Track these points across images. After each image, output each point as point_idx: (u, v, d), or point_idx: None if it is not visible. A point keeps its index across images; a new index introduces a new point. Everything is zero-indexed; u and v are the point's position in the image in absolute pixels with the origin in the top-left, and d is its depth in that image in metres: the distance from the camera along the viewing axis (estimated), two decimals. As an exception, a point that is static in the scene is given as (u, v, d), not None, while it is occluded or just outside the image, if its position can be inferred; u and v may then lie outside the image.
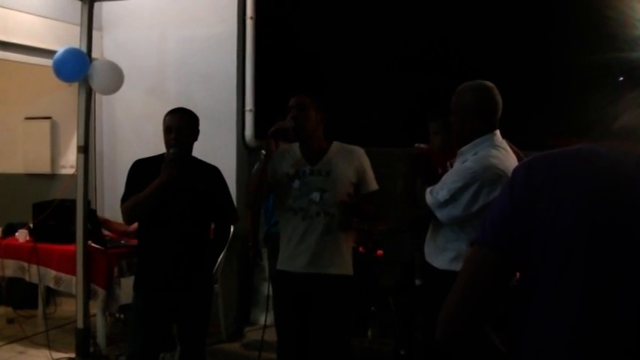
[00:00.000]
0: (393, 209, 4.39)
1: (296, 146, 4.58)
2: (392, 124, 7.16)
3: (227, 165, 7.19)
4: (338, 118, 4.78)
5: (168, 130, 4.61)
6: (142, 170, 4.69)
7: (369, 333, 6.83)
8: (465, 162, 3.78)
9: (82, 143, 6.02)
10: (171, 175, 4.49)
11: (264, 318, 6.23)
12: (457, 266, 3.69)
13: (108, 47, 7.77)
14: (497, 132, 3.83)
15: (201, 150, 7.10)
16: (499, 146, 3.79)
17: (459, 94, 3.87)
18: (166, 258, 4.60)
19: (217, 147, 7.28)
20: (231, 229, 6.96)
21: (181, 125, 4.64)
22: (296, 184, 4.45)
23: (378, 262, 6.57)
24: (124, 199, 4.62)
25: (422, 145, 4.43)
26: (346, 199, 4.37)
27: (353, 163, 4.51)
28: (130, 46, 7.66)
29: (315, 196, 4.44)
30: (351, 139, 4.66)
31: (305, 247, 4.43)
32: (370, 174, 4.57)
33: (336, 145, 4.57)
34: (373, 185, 4.56)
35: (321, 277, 4.42)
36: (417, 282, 5.62)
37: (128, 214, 4.61)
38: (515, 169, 1.95)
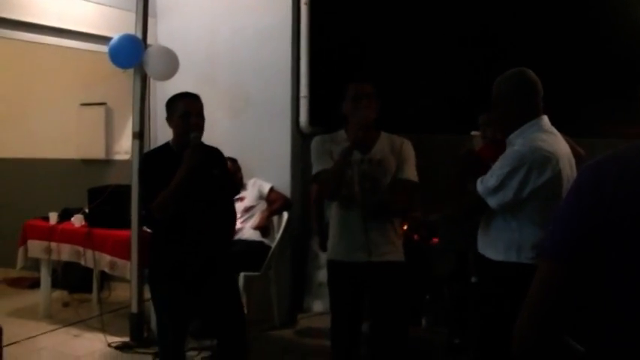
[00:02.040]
0: (445, 197, 4.33)
1: (342, 134, 4.53)
2: (443, 111, 7.08)
3: (281, 152, 7.35)
4: (389, 105, 4.69)
5: (185, 115, 4.48)
6: (155, 163, 4.61)
7: (423, 321, 6.76)
8: (513, 147, 3.72)
9: (137, 129, 6.07)
10: (199, 160, 4.41)
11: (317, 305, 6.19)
12: (511, 256, 3.68)
13: (162, 34, 7.77)
14: (545, 117, 3.77)
15: (255, 137, 7.37)
16: (547, 130, 3.73)
17: (497, 85, 3.84)
18: (190, 247, 4.50)
19: (271, 134, 7.38)
20: (285, 215, 7.10)
21: (199, 110, 4.55)
22: (348, 173, 4.39)
23: (432, 250, 6.49)
24: (149, 197, 4.47)
25: (476, 142, 4.34)
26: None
27: (395, 151, 4.49)
28: (183, 33, 7.65)
29: (369, 185, 4.41)
30: (401, 126, 4.61)
31: (359, 236, 4.40)
32: (410, 164, 4.51)
33: (384, 134, 4.54)
34: (409, 174, 4.48)
35: (377, 265, 4.39)
36: (473, 279, 5.58)
37: (162, 211, 4.44)
38: (581, 174, 1.83)
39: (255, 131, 7.37)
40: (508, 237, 3.71)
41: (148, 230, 6.05)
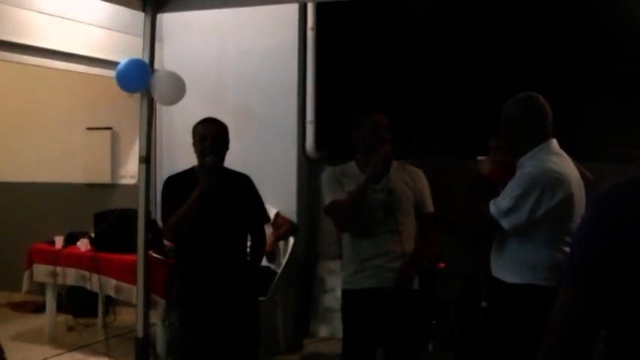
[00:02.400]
0: (455, 222, 4.34)
1: (352, 166, 4.58)
2: (451, 136, 7.08)
3: (287, 176, 7.38)
4: (398, 130, 4.71)
5: (202, 138, 4.60)
6: (176, 186, 4.68)
7: (430, 346, 6.72)
8: (525, 170, 3.75)
9: (143, 153, 5.98)
10: (212, 181, 4.48)
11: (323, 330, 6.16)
12: (526, 278, 3.69)
13: (168, 58, 7.80)
14: (554, 140, 3.82)
15: (261, 161, 7.31)
16: (557, 153, 3.79)
17: (507, 109, 3.89)
18: (207, 269, 4.57)
19: (277, 158, 7.40)
20: (291, 240, 7.08)
21: (216, 133, 4.65)
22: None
23: (439, 275, 6.46)
24: (165, 219, 4.60)
25: (483, 166, 4.34)
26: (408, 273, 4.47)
27: (411, 183, 4.55)
28: (189, 56, 7.67)
29: (380, 214, 4.43)
30: (411, 151, 4.62)
31: (371, 265, 4.43)
32: (428, 195, 4.62)
33: (395, 163, 4.52)
34: (430, 207, 4.61)
35: (388, 292, 4.40)
36: (484, 304, 5.46)
37: (174, 231, 4.59)
38: (598, 201, 1.81)
39: (262, 154, 7.37)
40: (523, 259, 3.73)
41: (155, 255, 6.17)
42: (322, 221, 7.16)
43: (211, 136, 4.60)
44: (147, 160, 6.01)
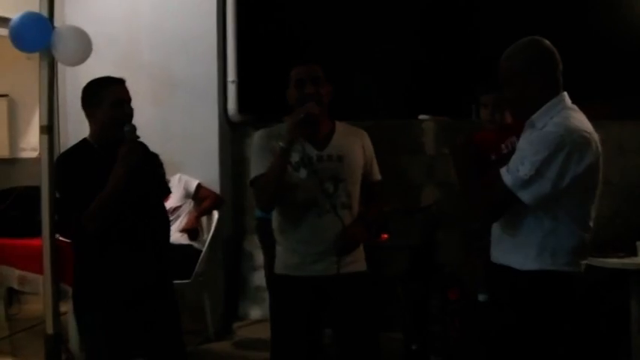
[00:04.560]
0: (397, 188, 3.77)
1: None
2: (388, 96, 6.86)
3: (208, 142, 6.97)
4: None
5: (118, 102, 3.93)
6: (77, 164, 3.98)
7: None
8: (544, 127, 3.23)
9: (45, 122, 5.45)
10: (138, 158, 3.86)
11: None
12: (545, 263, 3.22)
13: (70, 13, 7.17)
14: (566, 93, 3.33)
15: (179, 127, 6.82)
16: (574, 108, 3.31)
17: (509, 59, 3.37)
18: (130, 263, 3.94)
19: (197, 122, 6.99)
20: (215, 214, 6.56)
21: (130, 97, 4.03)
22: (302, 173, 3.77)
23: (382, 248, 6.00)
24: (76, 207, 3.88)
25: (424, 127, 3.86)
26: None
27: (362, 147, 3.94)
28: (96, 10, 7.12)
29: (329, 186, 3.78)
30: (346, 113, 4.08)
31: (322, 247, 3.77)
32: (375, 161, 4.04)
33: (339, 124, 3.95)
34: (378, 175, 4.05)
35: (339, 278, 3.77)
36: (481, 297, 5.19)
37: (98, 220, 3.83)
38: None
39: (180, 120, 6.95)
40: (540, 240, 3.23)
41: (63, 239, 5.54)
42: (249, 192, 6.69)
43: (129, 100, 3.98)
44: (49, 130, 5.49)
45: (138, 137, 3.92)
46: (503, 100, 4.05)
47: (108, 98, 3.92)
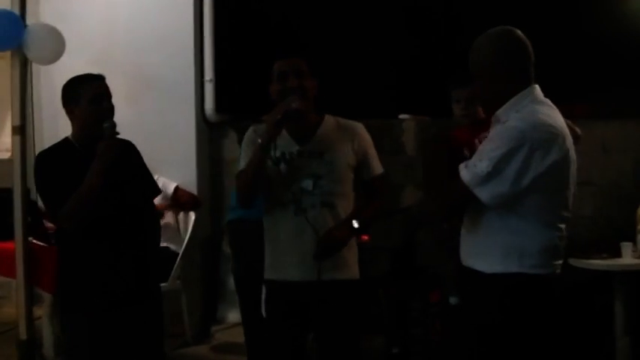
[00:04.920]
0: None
1: None
2: (368, 94, 6.68)
3: (185, 143, 6.88)
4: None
5: (97, 99, 3.84)
6: (54, 163, 3.91)
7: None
8: (506, 122, 3.04)
9: (17, 123, 5.41)
10: (116, 154, 3.77)
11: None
12: (511, 265, 3.01)
13: (45, 11, 7.05)
14: (537, 87, 3.12)
15: (155, 128, 6.67)
16: (542, 102, 3.10)
17: (477, 50, 3.16)
18: (111, 264, 3.85)
19: (174, 122, 6.87)
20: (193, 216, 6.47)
21: (110, 93, 3.94)
22: (282, 168, 3.64)
23: (363, 250, 5.88)
24: (56, 204, 3.80)
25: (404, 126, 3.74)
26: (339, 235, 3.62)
27: (352, 142, 3.73)
28: (71, 9, 6.98)
29: (307, 183, 3.63)
30: (324, 112, 3.95)
31: (300, 249, 3.62)
32: (373, 154, 3.80)
33: (329, 119, 3.79)
34: (378, 168, 3.81)
35: (322, 284, 3.61)
36: (452, 300, 5.02)
37: (75, 218, 3.76)
38: None
39: (156, 120, 6.80)
40: (506, 241, 3.03)
41: (36, 242, 5.55)
42: (227, 193, 6.82)
43: (109, 96, 3.89)
44: (22, 130, 5.46)
45: (117, 134, 3.83)
46: (475, 94, 3.95)
47: (86, 95, 3.84)
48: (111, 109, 3.87)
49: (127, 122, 4.23)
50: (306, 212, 3.61)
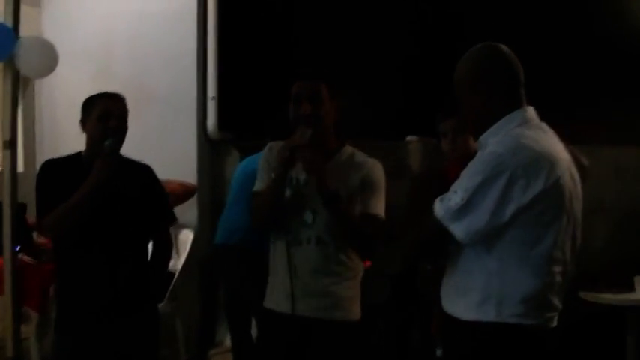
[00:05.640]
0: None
1: None
2: (375, 115, 6.60)
3: (186, 160, 6.80)
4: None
5: (105, 117, 3.80)
6: (56, 173, 3.92)
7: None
8: (487, 148, 2.74)
9: (8, 137, 5.41)
10: (111, 170, 3.71)
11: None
12: (487, 313, 2.67)
13: (47, 25, 7.09)
14: (530, 109, 2.80)
15: (155, 144, 6.50)
16: (533, 125, 2.77)
17: (458, 68, 2.89)
18: (100, 284, 3.80)
19: (175, 140, 6.81)
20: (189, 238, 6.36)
21: (123, 112, 3.89)
22: (287, 194, 3.46)
23: (364, 276, 5.75)
24: (42, 211, 3.80)
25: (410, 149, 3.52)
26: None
27: (360, 179, 3.49)
28: (73, 23, 6.97)
29: (308, 216, 3.45)
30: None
31: (294, 281, 3.45)
32: (378, 196, 3.52)
33: (347, 150, 3.57)
34: (375, 208, 3.50)
35: (315, 323, 3.44)
36: (438, 352, 4.66)
37: (55, 228, 3.78)
38: None
39: (157, 137, 6.69)
40: (483, 284, 2.68)
41: (25, 258, 5.58)
42: None
43: (118, 115, 3.85)
44: (12, 144, 5.46)
45: (115, 152, 3.80)
46: (462, 124, 3.66)
47: (95, 112, 3.85)
48: (117, 128, 3.83)
49: (127, 139, 4.19)
50: (301, 245, 3.44)
